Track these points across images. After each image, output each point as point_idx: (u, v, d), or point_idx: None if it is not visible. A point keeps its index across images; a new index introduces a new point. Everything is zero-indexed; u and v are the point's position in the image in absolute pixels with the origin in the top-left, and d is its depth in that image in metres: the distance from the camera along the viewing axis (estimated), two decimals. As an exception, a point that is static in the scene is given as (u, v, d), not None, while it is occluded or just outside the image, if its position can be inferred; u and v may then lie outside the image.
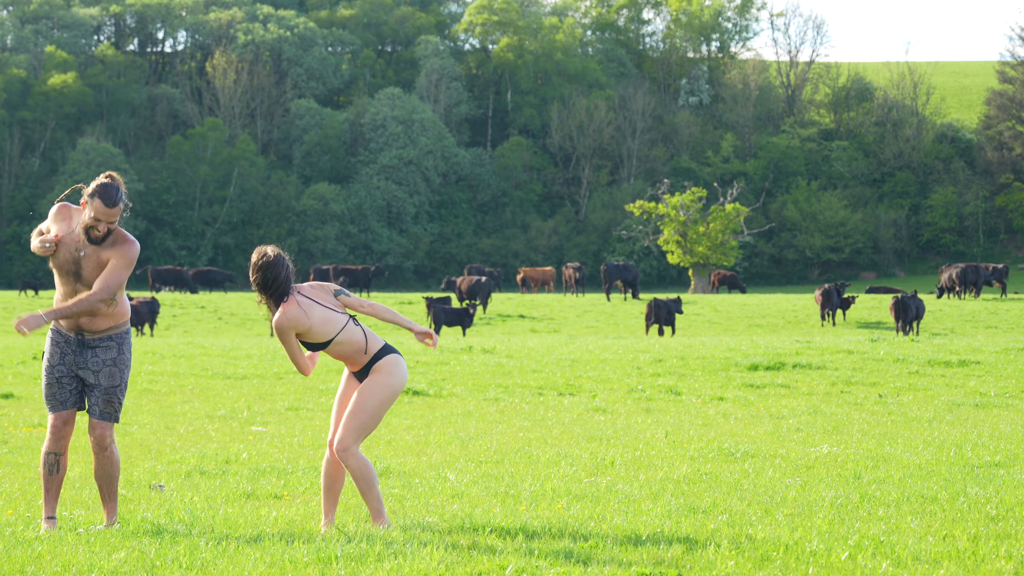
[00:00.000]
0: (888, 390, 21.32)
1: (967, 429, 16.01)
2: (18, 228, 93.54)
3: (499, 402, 19.67)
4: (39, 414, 17.65)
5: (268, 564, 7.37)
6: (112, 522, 8.79)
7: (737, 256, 79.49)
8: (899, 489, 10.47)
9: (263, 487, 10.69)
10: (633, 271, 53.66)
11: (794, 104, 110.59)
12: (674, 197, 74.49)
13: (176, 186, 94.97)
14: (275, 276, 8.82)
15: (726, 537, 8.09)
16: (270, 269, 8.84)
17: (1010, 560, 7.49)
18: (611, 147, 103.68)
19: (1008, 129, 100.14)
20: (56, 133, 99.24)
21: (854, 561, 7.43)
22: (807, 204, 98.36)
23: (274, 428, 16.48)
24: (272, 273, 8.81)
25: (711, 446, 13.84)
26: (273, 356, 26.58)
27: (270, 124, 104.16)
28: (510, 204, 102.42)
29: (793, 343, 30.04)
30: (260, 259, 8.85)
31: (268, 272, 8.81)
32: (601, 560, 7.47)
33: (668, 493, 10.26)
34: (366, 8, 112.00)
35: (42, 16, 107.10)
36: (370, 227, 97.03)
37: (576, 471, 11.86)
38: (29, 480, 11.63)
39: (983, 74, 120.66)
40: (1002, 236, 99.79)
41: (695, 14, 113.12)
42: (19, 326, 8.59)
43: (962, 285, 51.79)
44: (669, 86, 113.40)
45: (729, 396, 20.41)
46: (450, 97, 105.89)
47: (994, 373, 23.39)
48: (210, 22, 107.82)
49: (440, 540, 7.99)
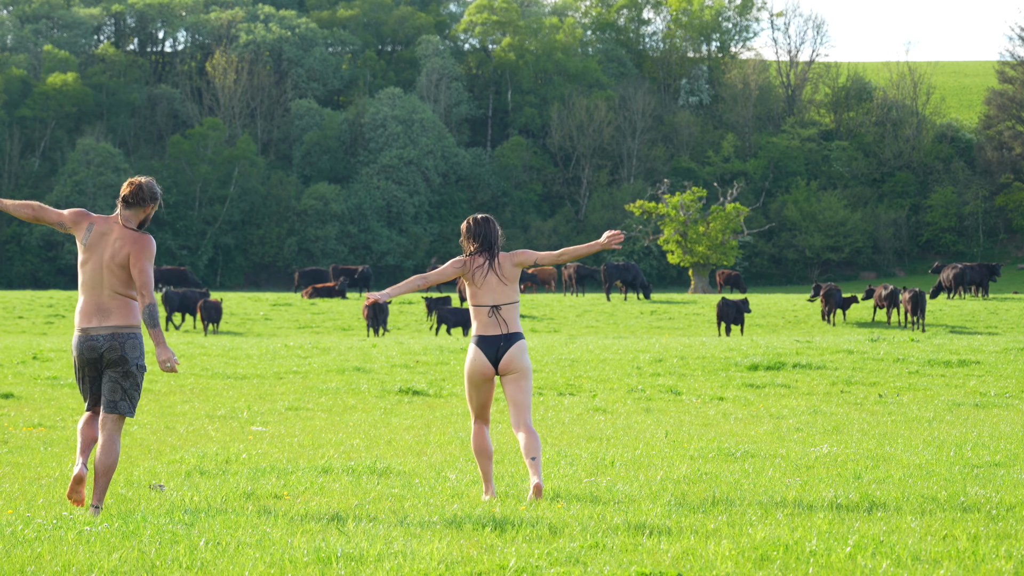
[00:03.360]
0: (888, 390, 21.33)
1: (967, 429, 16.01)
2: (18, 228, 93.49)
3: (499, 402, 19.67)
4: (39, 414, 17.65)
5: (268, 564, 7.37)
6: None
7: (737, 256, 79.46)
8: (899, 489, 10.47)
9: (263, 487, 10.69)
10: (634, 271, 53.61)
11: (794, 104, 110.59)
12: (674, 197, 74.47)
13: (176, 186, 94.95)
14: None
15: (726, 537, 8.09)
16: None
17: (1010, 560, 7.49)
18: (611, 147, 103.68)
19: (1008, 129, 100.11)
20: (56, 133, 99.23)
21: (854, 561, 7.43)
22: (807, 204, 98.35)
23: (274, 428, 16.48)
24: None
25: (711, 446, 13.84)
26: (273, 356, 26.59)
27: (270, 124, 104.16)
28: (510, 204, 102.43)
29: (793, 343, 30.04)
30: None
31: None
32: (601, 560, 7.47)
33: (668, 493, 10.26)
34: (366, 8, 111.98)
35: (42, 16, 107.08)
36: (370, 227, 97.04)
37: (576, 471, 11.86)
38: (29, 480, 11.63)
39: (983, 74, 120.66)
40: (1002, 236, 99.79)
41: (695, 14, 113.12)
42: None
43: (959, 286, 51.78)
44: (669, 86, 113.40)
45: (729, 396, 20.42)
46: (450, 97, 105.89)
47: (994, 373, 23.40)
48: (210, 22, 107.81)
49: (440, 540, 7.99)
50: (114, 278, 9.17)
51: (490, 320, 10.06)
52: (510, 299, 10.10)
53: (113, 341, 9.16)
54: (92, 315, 9.19)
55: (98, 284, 9.17)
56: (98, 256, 9.17)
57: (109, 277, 9.17)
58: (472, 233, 10.22)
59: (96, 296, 9.18)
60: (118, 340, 9.17)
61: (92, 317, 9.19)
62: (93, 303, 9.19)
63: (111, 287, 9.17)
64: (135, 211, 9.28)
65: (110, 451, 9.21)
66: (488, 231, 10.22)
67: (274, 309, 48.29)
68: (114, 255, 9.17)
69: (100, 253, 9.18)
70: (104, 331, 9.17)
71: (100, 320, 9.17)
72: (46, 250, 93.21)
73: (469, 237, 10.24)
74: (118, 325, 9.17)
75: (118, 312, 9.17)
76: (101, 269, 9.16)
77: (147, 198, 9.27)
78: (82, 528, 8.40)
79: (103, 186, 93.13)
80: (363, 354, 27.09)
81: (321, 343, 31.99)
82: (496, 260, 10.13)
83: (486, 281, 10.10)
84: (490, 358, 10.03)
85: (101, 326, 9.16)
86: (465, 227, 10.30)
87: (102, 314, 9.17)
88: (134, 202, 9.28)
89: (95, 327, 9.17)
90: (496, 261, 10.12)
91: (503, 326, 10.04)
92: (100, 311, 9.18)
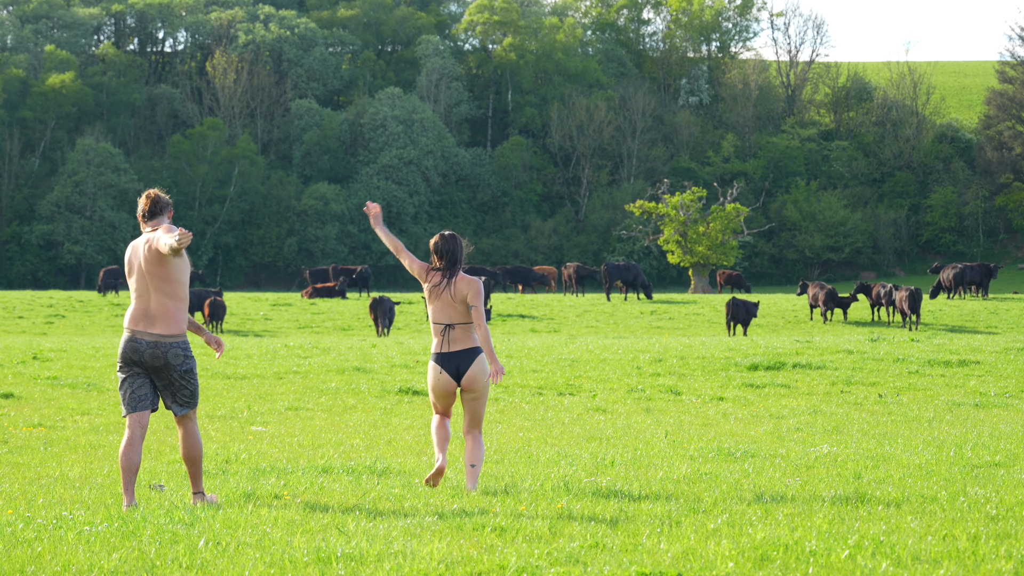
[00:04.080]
0: (888, 390, 21.33)
1: (967, 429, 16.01)
2: (18, 228, 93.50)
3: (499, 402, 19.67)
4: (39, 414, 17.65)
5: (268, 564, 7.37)
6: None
7: (737, 256, 79.46)
8: (899, 489, 10.47)
9: (263, 487, 10.69)
10: (635, 271, 53.58)
11: (794, 104, 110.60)
12: (674, 197, 74.47)
13: (176, 186, 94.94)
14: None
15: (726, 537, 8.09)
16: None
17: (1010, 560, 7.48)
18: (611, 147, 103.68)
19: (1008, 129, 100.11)
20: (56, 133, 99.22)
21: (854, 561, 7.43)
22: (807, 204, 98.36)
23: (274, 428, 16.48)
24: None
25: (711, 446, 13.84)
26: (273, 356, 26.59)
27: (270, 124, 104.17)
28: (510, 204, 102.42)
29: (793, 343, 30.04)
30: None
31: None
32: (601, 560, 7.47)
33: (668, 493, 10.26)
34: (366, 8, 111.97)
35: (42, 16, 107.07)
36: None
37: (576, 471, 11.86)
38: (29, 480, 11.63)
39: (983, 74, 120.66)
40: (1002, 236, 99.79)
41: (695, 14, 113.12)
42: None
43: (959, 286, 51.77)
44: (669, 86, 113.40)
45: (729, 396, 20.42)
46: (450, 97, 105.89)
47: (994, 373, 23.40)
48: (210, 22, 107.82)
49: (440, 540, 7.99)
50: (156, 283, 9.71)
51: (443, 338, 10.58)
52: (463, 319, 10.58)
53: (156, 349, 9.73)
54: (140, 320, 9.78)
55: (144, 292, 9.76)
56: (138, 266, 9.77)
57: (152, 283, 9.72)
58: (438, 250, 10.67)
59: (143, 303, 9.77)
60: (160, 349, 9.73)
61: (140, 321, 9.78)
62: (141, 309, 9.78)
63: (155, 292, 9.73)
64: (156, 220, 9.90)
65: (192, 442, 9.90)
66: (453, 248, 10.65)
67: (274, 309, 48.30)
68: (146, 256, 9.70)
69: (139, 263, 9.77)
70: (148, 337, 9.74)
71: (146, 326, 9.75)
72: (46, 250, 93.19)
73: (435, 253, 10.70)
74: (162, 334, 9.73)
75: (163, 320, 9.73)
76: (144, 278, 9.74)
77: (164, 206, 9.92)
78: (82, 528, 8.40)
79: (103, 186, 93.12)
80: (363, 354, 27.09)
81: (321, 343, 32.00)
82: (453, 282, 10.56)
83: (441, 299, 10.59)
84: (451, 374, 10.59)
85: (146, 332, 9.74)
86: (433, 244, 10.72)
87: (148, 320, 9.76)
88: (156, 211, 9.90)
89: (140, 331, 9.76)
90: (452, 283, 10.56)
91: (456, 344, 10.57)
92: (147, 317, 9.76)
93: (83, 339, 35.21)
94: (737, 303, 39.85)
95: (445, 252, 10.62)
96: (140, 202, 9.92)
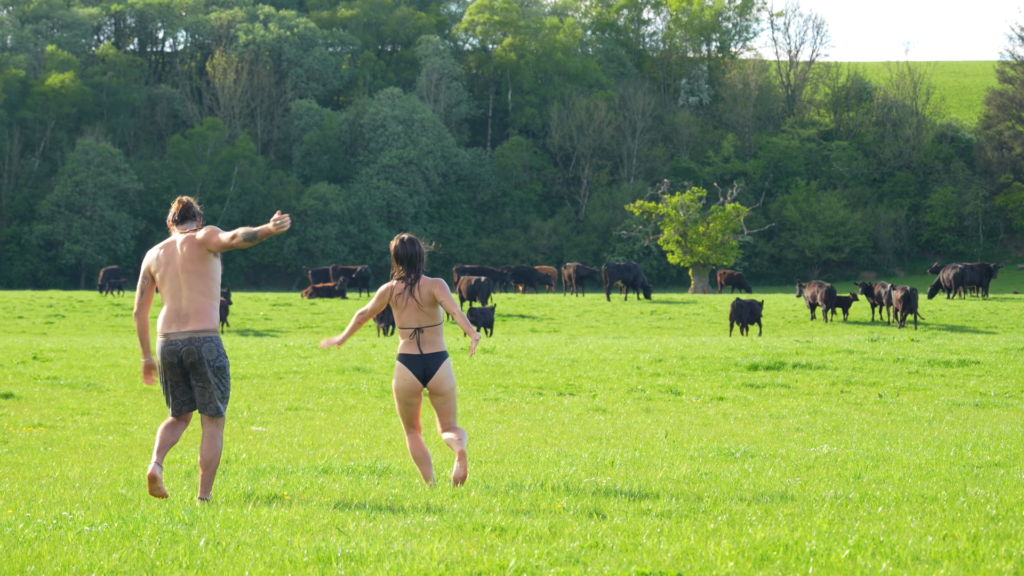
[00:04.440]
0: (888, 390, 21.33)
1: (967, 429, 16.01)
2: (18, 228, 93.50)
3: (499, 402, 19.68)
4: (39, 414, 17.65)
5: (268, 564, 7.37)
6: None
7: (737, 256, 79.45)
8: (899, 489, 10.47)
9: (263, 487, 10.69)
10: (635, 271, 53.56)
11: (794, 104, 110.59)
12: (674, 197, 74.46)
13: (176, 186, 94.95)
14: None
15: (726, 537, 8.09)
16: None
17: (1010, 560, 7.48)
18: (611, 147, 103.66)
19: (1008, 129, 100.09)
20: (56, 133, 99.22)
21: (854, 561, 7.43)
22: (807, 204, 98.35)
23: (274, 428, 16.48)
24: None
25: (711, 446, 13.84)
26: (273, 356, 26.59)
27: (270, 124, 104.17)
28: (510, 204, 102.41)
29: (793, 343, 30.03)
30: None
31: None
32: (601, 560, 7.47)
33: (668, 493, 10.26)
34: (366, 8, 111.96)
35: (42, 16, 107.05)
36: (370, 227, 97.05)
37: (576, 471, 11.86)
38: (29, 480, 11.63)
39: (983, 74, 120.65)
40: (1002, 236, 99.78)
41: (695, 14, 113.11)
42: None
43: (959, 286, 51.76)
44: (669, 86, 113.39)
45: (729, 396, 20.41)
46: (450, 97, 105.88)
47: (994, 373, 23.39)
48: (210, 22, 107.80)
49: (440, 540, 7.99)
50: (191, 280, 9.84)
51: (412, 341, 10.72)
52: (431, 322, 10.71)
53: (190, 345, 9.83)
54: (172, 321, 9.89)
55: (177, 292, 9.88)
56: (173, 266, 9.88)
57: (187, 280, 9.85)
58: (399, 255, 10.75)
59: (176, 303, 9.88)
60: (195, 344, 9.83)
61: (172, 323, 9.89)
62: (173, 310, 9.90)
63: (189, 290, 9.84)
64: (186, 225, 10.05)
65: (212, 446, 9.99)
66: (413, 253, 10.72)
67: (274, 309, 48.31)
68: (186, 254, 9.84)
69: (174, 263, 9.88)
70: (182, 336, 9.85)
71: (179, 326, 9.86)
72: (46, 250, 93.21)
73: (396, 258, 10.78)
74: (195, 330, 9.84)
75: (195, 317, 9.84)
76: (177, 277, 9.86)
77: (196, 214, 10.09)
78: (82, 528, 8.40)
79: (103, 186, 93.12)
80: (363, 354, 27.09)
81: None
82: (416, 287, 10.67)
83: (408, 306, 10.70)
84: (417, 375, 10.76)
85: (180, 331, 9.85)
86: (393, 249, 10.81)
87: (181, 320, 9.87)
88: (188, 216, 10.07)
89: (174, 332, 9.87)
90: (416, 287, 10.67)
91: (425, 347, 10.71)
92: (179, 317, 9.88)
93: (83, 339, 35.22)
94: (742, 304, 39.81)
95: (406, 257, 10.70)
96: (172, 207, 10.08)
